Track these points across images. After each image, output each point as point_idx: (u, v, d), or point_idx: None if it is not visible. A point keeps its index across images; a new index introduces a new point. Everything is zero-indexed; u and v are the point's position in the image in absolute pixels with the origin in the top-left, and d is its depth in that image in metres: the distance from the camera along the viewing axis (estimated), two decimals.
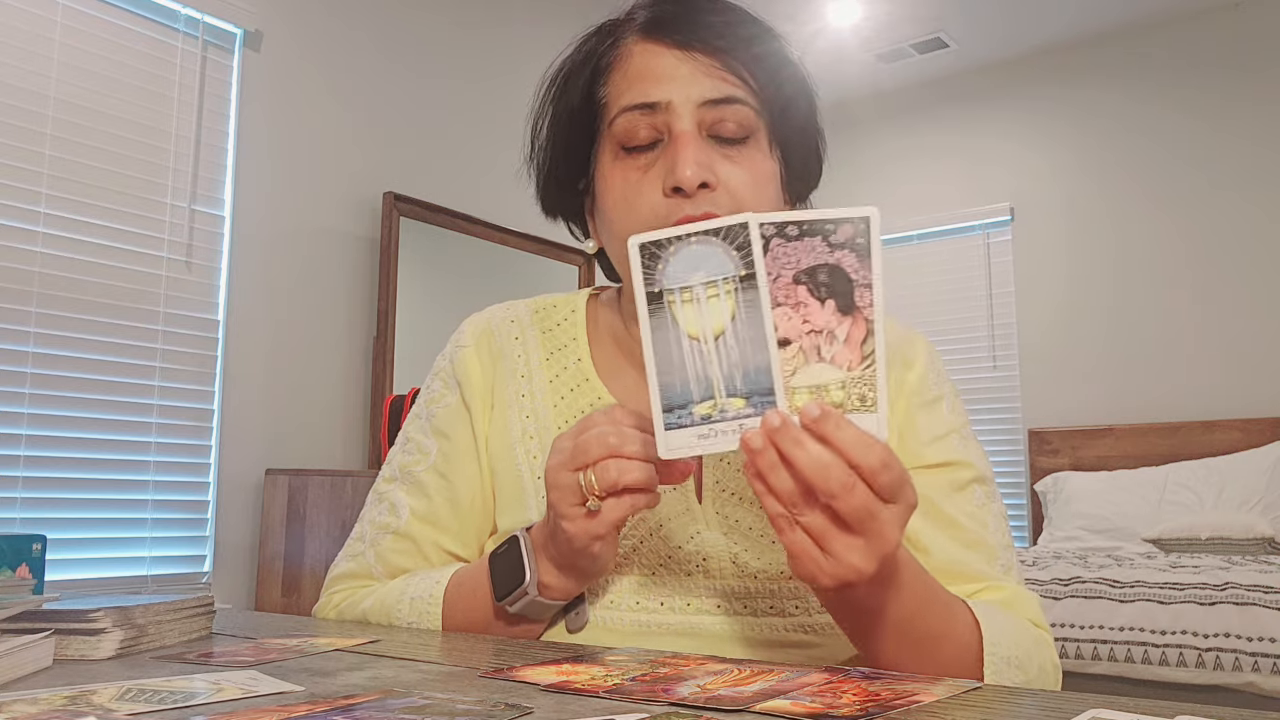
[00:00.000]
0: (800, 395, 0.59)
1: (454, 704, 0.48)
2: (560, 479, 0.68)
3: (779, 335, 0.59)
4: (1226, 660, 2.34)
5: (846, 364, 0.59)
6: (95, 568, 2.38)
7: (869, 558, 0.58)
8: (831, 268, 0.59)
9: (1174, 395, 3.95)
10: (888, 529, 0.58)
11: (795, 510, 0.58)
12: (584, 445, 0.67)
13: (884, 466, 0.57)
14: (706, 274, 0.60)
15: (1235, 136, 3.93)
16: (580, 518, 0.67)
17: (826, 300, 0.59)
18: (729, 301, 0.60)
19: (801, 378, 0.59)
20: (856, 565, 0.58)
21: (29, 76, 2.34)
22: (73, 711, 0.47)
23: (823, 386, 0.59)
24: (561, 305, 0.91)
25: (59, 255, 2.37)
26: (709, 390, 0.60)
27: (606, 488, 0.66)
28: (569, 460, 0.67)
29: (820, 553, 0.58)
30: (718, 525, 0.78)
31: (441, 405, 0.88)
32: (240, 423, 2.70)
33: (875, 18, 4.10)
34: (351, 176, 3.05)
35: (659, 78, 0.77)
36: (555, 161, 0.86)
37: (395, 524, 0.86)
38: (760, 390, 0.59)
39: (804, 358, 0.59)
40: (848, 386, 0.59)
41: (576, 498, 0.67)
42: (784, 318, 0.59)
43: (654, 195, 0.76)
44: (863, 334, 0.59)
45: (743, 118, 0.77)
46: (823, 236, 0.59)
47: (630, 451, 0.66)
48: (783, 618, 0.75)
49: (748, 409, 0.60)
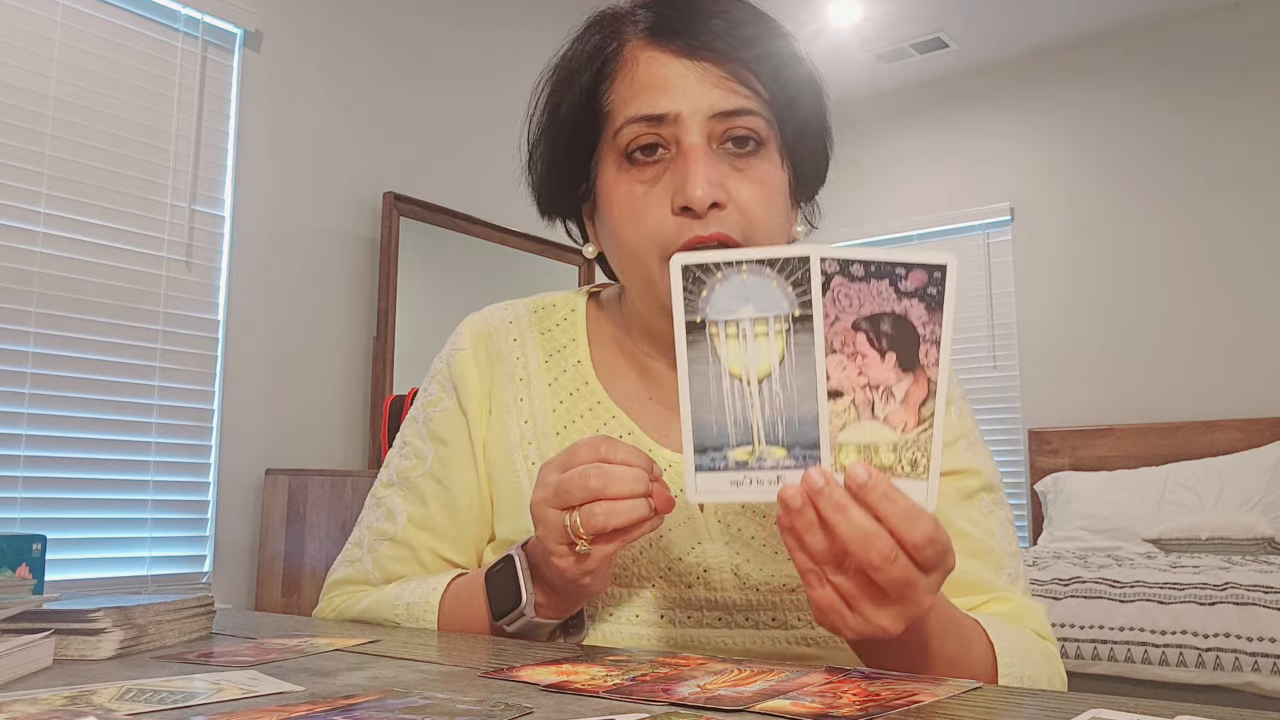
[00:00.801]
0: (847, 453, 0.55)
1: (454, 704, 0.48)
2: (546, 516, 0.65)
3: (830, 385, 0.55)
4: (1226, 660, 2.34)
5: (901, 425, 0.54)
6: (95, 568, 2.38)
7: (898, 621, 0.56)
8: (897, 317, 0.54)
9: (1174, 395, 3.94)
10: (924, 596, 0.56)
11: (827, 569, 0.56)
12: (567, 486, 0.64)
13: (929, 541, 0.54)
14: (756, 308, 0.55)
15: (1235, 137, 3.93)
16: (569, 556, 0.65)
17: (888, 353, 0.54)
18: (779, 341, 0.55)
19: (850, 434, 0.55)
20: (885, 626, 0.56)
21: (29, 76, 2.34)
22: (73, 711, 0.47)
23: (873, 446, 0.55)
24: (561, 305, 0.90)
25: (59, 255, 2.37)
26: (748, 435, 0.56)
27: (593, 533, 0.63)
28: (553, 498, 0.65)
29: (848, 610, 0.56)
30: (720, 536, 0.76)
31: (438, 410, 0.86)
32: (240, 423, 2.70)
33: (875, 18, 4.09)
34: (351, 176, 3.05)
35: (666, 88, 0.73)
36: (554, 164, 0.83)
37: (392, 530, 0.85)
38: (804, 442, 0.55)
39: (855, 413, 0.55)
40: (899, 449, 0.55)
41: (563, 538, 0.64)
42: (838, 366, 0.55)
43: (661, 212, 0.73)
44: (923, 395, 0.54)
45: (754, 128, 0.74)
46: (891, 281, 0.54)
47: (616, 492, 0.63)
48: (785, 630, 0.74)
49: (788, 460, 0.55)
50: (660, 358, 0.83)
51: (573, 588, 0.68)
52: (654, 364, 0.83)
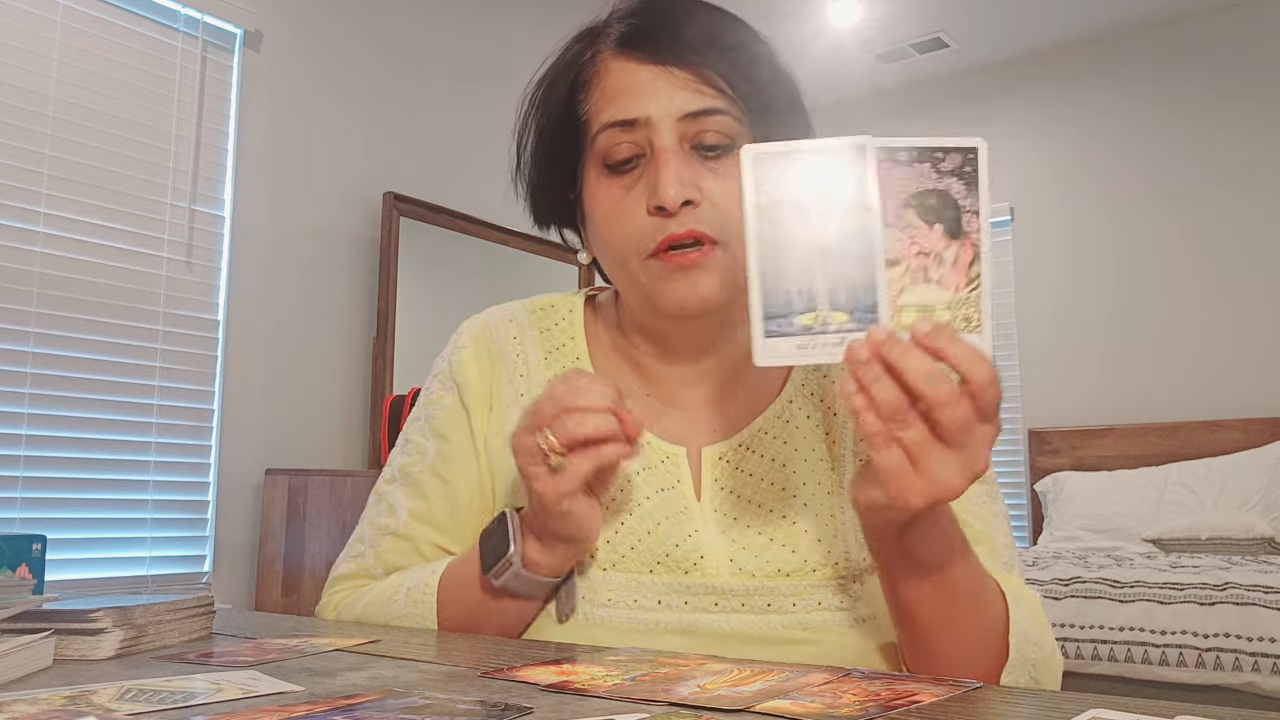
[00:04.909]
0: (908, 313, 0.60)
1: (454, 704, 0.48)
2: (522, 442, 0.70)
3: (888, 255, 0.60)
4: (1226, 660, 2.34)
5: (954, 286, 0.60)
6: (95, 568, 2.38)
7: (963, 475, 0.59)
8: (940, 193, 0.60)
9: (1174, 395, 3.95)
10: (981, 448, 0.59)
11: (896, 423, 0.58)
12: (539, 406, 0.69)
13: (991, 382, 0.58)
14: (819, 187, 0.61)
15: (1235, 137, 3.93)
16: (546, 477, 0.69)
17: (934, 224, 0.60)
18: (840, 217, 0.60)
19: (908, 297, 0.60)
20: (950, 482, 0.59)
21: (29, 76, 2.34)
22: (73, 711, 0.47)
23: (929, 307, 0.60)
24: (560, 305, 0.92)
25: (59, 255, 2.37)
26: (812, 302, 0.60)
27: (566, 443, 0.67)
28: (528, 422, 0.69)
29: (914, 472, 0.59)
30: (715, 523, 0.78)
31: (439, 407, 0.88)
32: (240, 423, 2.70)
33: (875, 18, 4.09)
34: (351, 176, 3.05)
35: (636, 93, 0.77)
36: (542, 175, 0.86)
37: (394, 525, 0.86)
38: (865, 306, 0.60)
39: (911, 279, 0.60)
40: (953, 308, 0.60)
41: (538, 457, 0.68)
42: (893, 239, 0.60)
43: (638, 214, 0.76)
44: (970, 257, 0.60)
45: (724, 127, 0.77)
46: (932, 163, 0.60)
47: (584, 403, 0.67)
48: (780, 615, 0.75)
49: (851, 323, 0.60)
50: (656, 354, 0.85)
51: (556, 519, 0.70)
52: (649, 361, 0.86)
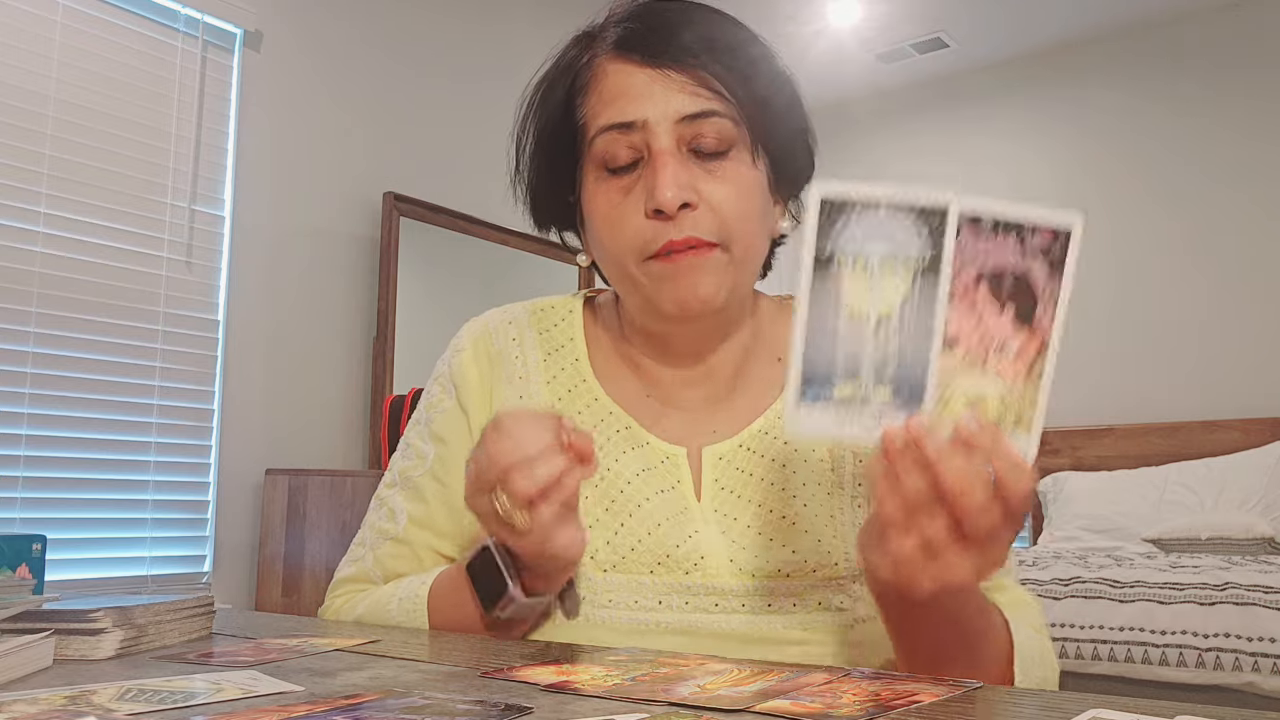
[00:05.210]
0: (956, 402, 0.55)
1: (454, 704, 0.48)
2: (476, 506, 0.67)
3: (948, 333, 0.55)
4: (1226, 660, 2.33)
5: (1011, 377, 0.55)
6: (95, 568, 2.38)
7: (978, 570, 0.57)
8: (1020, 274, 0.54)
9: (1174, 395, 3.94)
10: (1001, 548, 0.57)
11: (918, 517, 0.56)
12: (481, 469, 0.65)
13: (1027, 496, 0.55)
14: (888, 248, 0.55)
15: (1235, 136, 3.93)
16: (515, 535, 0.66)
17: (1007, 306, 0.55)
18: (903, 283, 0.55)
19: (960, 385, 0.55)
20: (963, 577, 0.57)
21: (29, 76, 2.34)
22: (73, 711, 0.47)
23: (981, 398, 0.55)
24: (559, 306, 0.92)
25: (59, 255, 2.37)
26: (854, 371, 0.56)
27: (522, 501, 0.64)
28: (474, 485, 0.66)
29: (928, 560, 0.56)
30: (715, 524, 0.78)
31: (439, 410, 0.88)
32: (240, 423, 2.70)
33: (875, 18, 4.09)
34: (351, 176, 3.05)
35: (633, 97, 0.76)
36: (541, 178, 0.86)
37: (393, 530, 0.86)
38: (911, 385, 0.55)
39: (967, 363, 0.55)
40: (1006, 402, 0.55)
41: (499, 520, 0.65)
42: (957, 316, 0.55)
43: (637, 218, 0.76)
44: (1036, 350, 0.55)
45: (721, 130, 0.76)
46: (1019, 237, 0.55)
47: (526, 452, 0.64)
48: (781, 615, 0.75)
49: (894, 401, 0.56)
50: (655, 356, 0.85)
51: (545, 560, 0.69)
52: (649, 362, 0.85)
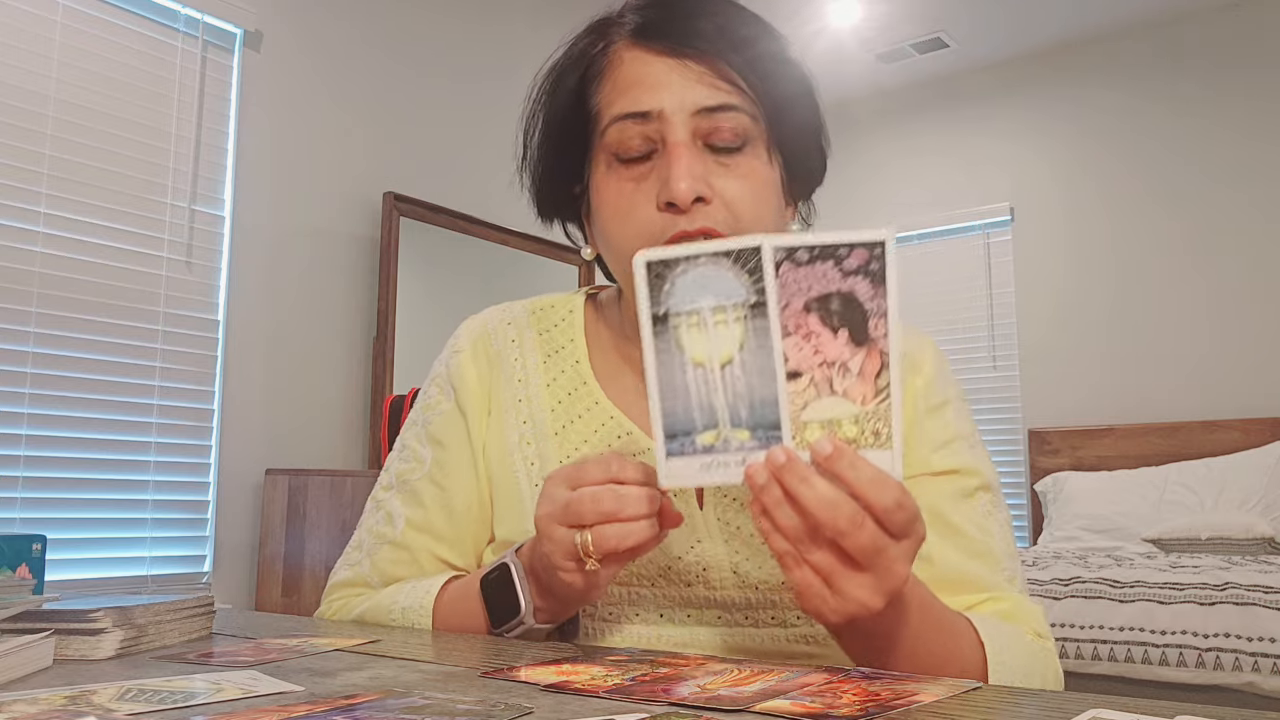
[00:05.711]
0: (812, 429, 0.57)
1: (454, 704, 0.48)
2: (554, 533, 0.65)
3: (790, 366, 0.57)
4: (1226, 660, 2.33)
5: (860, 398, 0.57)
6: (95, 568, 2.38)
7: (877, 594, 0.57)
8: (844, 295, 0.56)
9: (1174, 395, 3.94)
10: (896, 565, 0.57)
11: (802, 548, 0.56)
12: (577, 506, 0.63)
13: (898, 506, 0.55)
14: (715, 298, 0.57)
15: (1235, 136, 3.93)
16: (576, 573, 0.65)
17: (839, 330, 0.56)
18: (738, 328, 0.57)
19: (813, 411, 0.57)
20: (864, 601, 0.57)
21: (29, 76, 2.34)
22: (73, 711, 0.47)
23: (835, 421, 0.57)
24: (559, 305, 0.90)
25: (59, 255, 2.37)
26: (713, 419, 0.58)
27: (605, 553, 0.63)
28: (562, 515, 0.64)
29: (828, 590, 0.57)
30: (719, 534, 0.76)
31: (437, 412, 0.86)
32: (240, 423, 2.70)
33: (875, 18, 4.09)
34: (351, 176, 3.05)
35: (650, 85, 0.74)
36: (549, 167, 0.84)
37: (391, 534, 0.85)
38: (766, 423, 0.57)
39: (815, 391, 0.57)
40: (861, 421, 0.57)
41: (572, 555, 0.64)
42: (795, 348, 0.57)
43: (648, 209, 0.74)
44: (877, 366, 0.56)
45: (738, 124, 0.74)
46: (835, 261, 0.56)
47: (630, 513, 0.63)
48: (784, 628, 0.74)
49: (752, 441, 0.58)
50: None
51: (575, 600, 0.69)
52: None
